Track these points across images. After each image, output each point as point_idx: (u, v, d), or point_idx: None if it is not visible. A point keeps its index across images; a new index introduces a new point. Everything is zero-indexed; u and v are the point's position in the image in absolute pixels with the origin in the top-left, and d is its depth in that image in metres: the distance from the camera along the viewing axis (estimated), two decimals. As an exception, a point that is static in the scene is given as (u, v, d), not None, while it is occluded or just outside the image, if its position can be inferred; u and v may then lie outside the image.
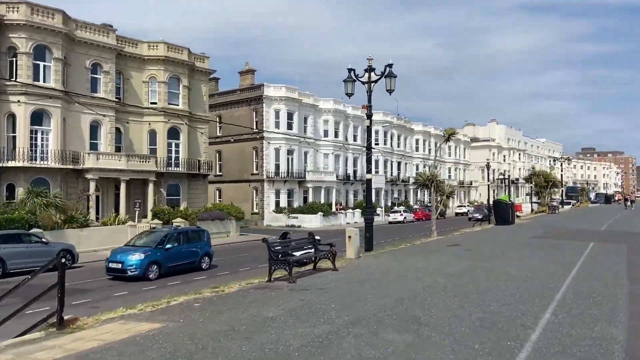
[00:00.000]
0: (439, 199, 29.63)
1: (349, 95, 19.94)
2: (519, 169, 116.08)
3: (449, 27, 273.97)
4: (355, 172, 63.53)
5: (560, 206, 67.78)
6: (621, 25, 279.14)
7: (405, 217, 53.53)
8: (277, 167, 50.84)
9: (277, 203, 50.68)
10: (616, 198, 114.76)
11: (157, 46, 36.31)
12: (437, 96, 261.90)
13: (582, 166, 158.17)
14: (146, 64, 36.02)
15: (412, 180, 73.91)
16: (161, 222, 30.44)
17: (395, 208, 62.15)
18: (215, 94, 55.18)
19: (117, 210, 32.40)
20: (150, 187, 34.11)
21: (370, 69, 19.57)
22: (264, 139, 50.21)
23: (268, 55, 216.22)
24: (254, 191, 51.11)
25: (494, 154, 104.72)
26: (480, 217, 42.93)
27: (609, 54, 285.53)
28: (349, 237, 17.34)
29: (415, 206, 68.63)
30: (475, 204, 75.27)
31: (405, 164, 75.24)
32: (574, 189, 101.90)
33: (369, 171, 21.21)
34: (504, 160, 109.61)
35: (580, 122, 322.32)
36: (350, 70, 19.61)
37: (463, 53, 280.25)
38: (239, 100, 52.53)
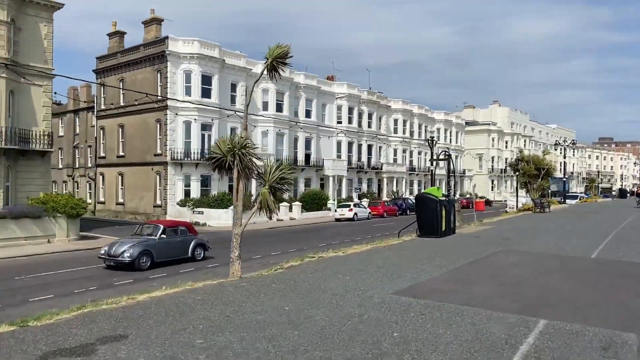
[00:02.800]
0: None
1: None
2: (550, 162, 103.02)
3: (466, 14, 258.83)
4: (308, 156, 51.65)
5: (561, 201, 55.30)
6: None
7: (356, 214, 41.55)
8: (188, 145, 39.19)
9: (187, 193, 39.11)
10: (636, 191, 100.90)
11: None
12: (453, 84, 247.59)
13: (597, 156, 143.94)
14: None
15: (385, 168, 61.89)
16: None
17: (356, 201, 50.25)
18: (118, 53, 43.61)
19: None
20: None
21: None
22: (168, 108, 38.51)
23: (280, 41, 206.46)
24: (157, 177, 39.55)
25: (493, 140, 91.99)
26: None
27: (630, 42, 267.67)
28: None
29: (386, 198, 56.61)
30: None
31: (380, 147, 63.05)
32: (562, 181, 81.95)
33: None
34: (506, 147, 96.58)
35: (599, 111, 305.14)
36: None
37: (481, 40, 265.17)
38: (142, 58, 40.82)
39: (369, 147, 60.55)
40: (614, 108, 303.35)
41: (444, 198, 18.02)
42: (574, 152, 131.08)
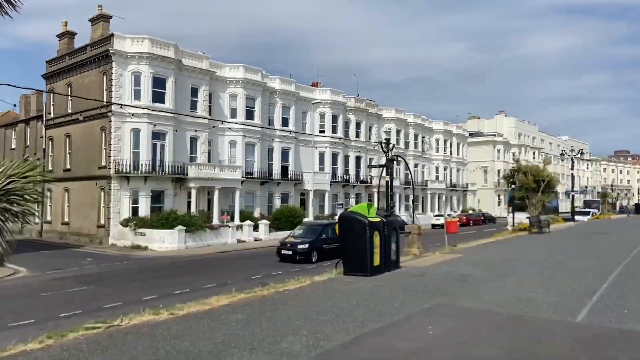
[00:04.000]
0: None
1: None
2: (551, 174, 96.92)
3: (481, 30, 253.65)
4: (285, 168, 46.69)
5: (570, 218, 49.42)
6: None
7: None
8: (136, 156, 34.45)
9: (136, 211, 34.24)
10: None
11: None
12: (468, 99, 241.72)
13: (612, 170, 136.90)
14: None
15: (375, 181, 56.51)
16: None
17: (329, 220, 44.89)
18: (67, 55, 39.32)
19: None
20: None
21: None
22: (113, 114, 33.88)
23: (294, 59, 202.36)
24: (101, 192, 34.79)
25: (499, 152, 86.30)
26: (290, 252, 23.86)
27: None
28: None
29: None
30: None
31: (370, 159, 57.86)
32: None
33: None
34: (513, 158, 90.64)
35: (615, 125, 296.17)
36: None
37: (495, 56, 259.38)
38: (87, 60, 36.40)
39: (357, 158, 55.41)
40: (630, 122, 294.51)
41: (378, 219, 12.64)
42: (587, 165, 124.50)
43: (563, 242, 23.08)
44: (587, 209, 60.37)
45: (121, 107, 32.21)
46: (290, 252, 24.10)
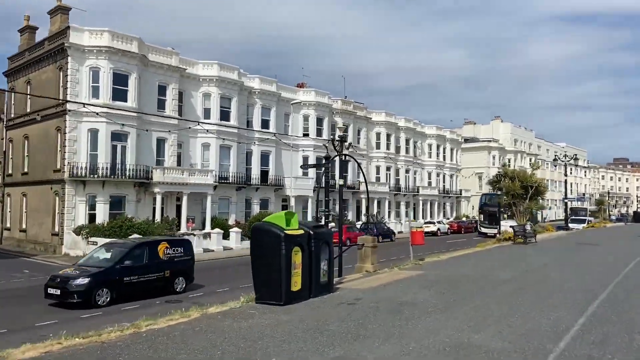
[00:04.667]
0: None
1: None
2: (541, 179, 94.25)
3: (482, 37, 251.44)
4: (265, 173, 43.92)
5: (564, 226, 46.55)
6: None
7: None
8: (94, 159, 31.67)
9: (93, 218, 31.40)
10: None
11: None
12: (469, 106, 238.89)
13: (611, 177, 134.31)
14: None
15: (363, 187, 53.68)
16: None
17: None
18: (26, 50, 36.68)
19: None
20: None
21: None
22: (68, 113, 31.15)
23: (298, 65, 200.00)
24: (56, 198, 31.98)
25: (494, 158, 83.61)
26: (58, 292, 15.00)
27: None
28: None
29: (358, 223, 48.30)
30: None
31: (359, 164, 54.89)
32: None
33: None
34: (509, 165, 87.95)
35: (615, 133, 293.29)
36: None
37: (496, 63, 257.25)
38: (45, 55, 33.73)
39: (343, 163, 52.50)
40: (630, 129, 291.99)
41: (301, 231, 9.93)
42: (585, 172, 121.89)
43: (547, 254, 20.08)
44: (583, 217, 57.58)
45: (81, 106, 29.42)
46: (59, 292, 14.93)
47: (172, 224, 32.80)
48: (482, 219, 51.45)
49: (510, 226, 27.05)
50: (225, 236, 35.10)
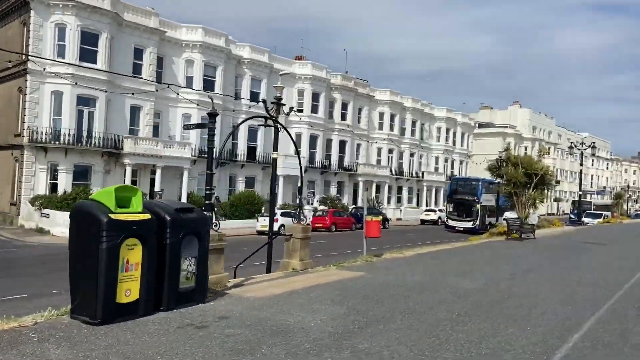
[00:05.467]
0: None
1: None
2: (547, 167, 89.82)
3: (511, 24, 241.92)
4: (252, 149, 41.24)
5: (575, 220, 43.04)
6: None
7: (283, 226, 30.78)
8: (58, 124, 29.30)
9: (55, 188, 29.17)
10: None
11: None
12: (495, 94, 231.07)
13: (635, 171, 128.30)
14: None
15: (362, 169, 50.72)
16: None
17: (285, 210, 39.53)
18: (-5, 5, 34.25)
19: None
20: None
21: None
22: (29, 73, 28.73)
23: (321, 47, 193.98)
24: (16, 165, 29.80)
25: (509, 145, 79.14)
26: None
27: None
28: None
29: (354, 206, 45.32)
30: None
31: (358, 145, 52.07)
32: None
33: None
34: (525, 153, 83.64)
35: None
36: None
37: (525, 51, 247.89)
38: (9, 9, 31.26)
39: (342, 143, 49.58)
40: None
41: (146, 216, 6.47)
42: (608, 164, 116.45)
43: (541, 256, 16.80)
44: (599, 212, 53.71)
45: (44, 65, 26.99)
46: None
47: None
48: (450, 210, 41.82)
49: (504, 219, 23.73)
50: (199, 214, 32.64)
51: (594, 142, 42.98)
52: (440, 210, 51.14)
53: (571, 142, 44.89)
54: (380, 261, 13.60)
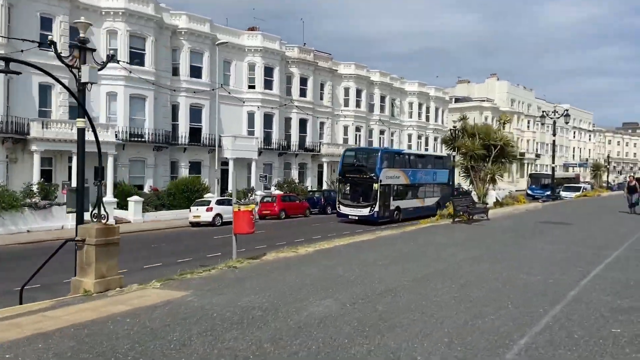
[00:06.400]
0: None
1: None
2: (527, 140, 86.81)
3: (494, 0, 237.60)
4: (196, 130, 36.99)
5: (534, 196, 39.66)
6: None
7: (219, 215, 26.81)
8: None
9: (-55, 182, 24.75)
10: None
11: None
12: (482, 72, 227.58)
13: (618, 142, 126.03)
14: None
15: (326, 149, 46.71)
16: None
17: (219, 197, 35.69)
18: None
19: None
20: None
21: None
22: None
23: (299, 27, 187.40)
24: None
25: (486, 119, 75.69)
26: None
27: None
28: None
29: (313, 190, 41.28)
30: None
31: (321, 123, 48.02)
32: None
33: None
34: (504, 128, 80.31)
35: (630, 100, 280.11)
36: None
37: (509, 27, 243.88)
38: None
39: (302, 122, 45.45)
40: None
41: None
42: (590, 136, 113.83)
43: (485, 243, 12.62)
44: (575, 185, 50.32)
45: None
46: None
47: (48, 190, 26.08)
48: (343, 192, 29.66)
49: (452, 200, 19.53)
50: (121, 206, 28.47)
51: (567, 110, 38.98)
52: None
53: (543, 111, 41.04)
54: (240, 271, 9.45)
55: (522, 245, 12.72)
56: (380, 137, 54.93)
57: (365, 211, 27.58)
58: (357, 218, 27.58)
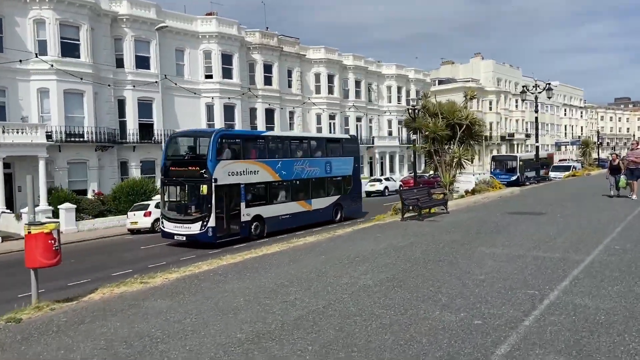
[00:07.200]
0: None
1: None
2: (516, 120, 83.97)
3: None
4: (148, 126, 33.98)
5: (539, 176, 36.87)
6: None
7: (159, 220, 23.90)
8: None
9: None
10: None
11: None
12: (470, 54, 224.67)
13: (611, 117, 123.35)
14: None
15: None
16: None
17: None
18: None
19: None
20: None
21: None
22: None
23: (285, 17, 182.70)
24: None
25: (471, 101, 72.57)
26: None
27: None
28: None
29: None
30: None
31: (291, 112, 45.02)
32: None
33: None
34: (490, 109, 77.58)
35: (620, 74, 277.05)
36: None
37: (497, 8, 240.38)
38: None
39: (269, 112, 42.46)
40: (635, 71, 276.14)
41: None
42: (582, 113, 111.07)
43: (408, 256, 9.21)
44: (565, 165, 47.82)
45: None
46: None
47: None
48: (167, 200, 20.16)
49: (399, 192, 15.99)
50: (57, 214, 25.53)
51: (548, 84, 36.02)
52: (386, 179, 44.47)
53: (523, 87, 38.17)
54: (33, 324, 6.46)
55: (463, 255, 9.70)
56: (357, 125, 52.05)
57: (195, 227, 18.43)
58: (184, 239, 18.82)
